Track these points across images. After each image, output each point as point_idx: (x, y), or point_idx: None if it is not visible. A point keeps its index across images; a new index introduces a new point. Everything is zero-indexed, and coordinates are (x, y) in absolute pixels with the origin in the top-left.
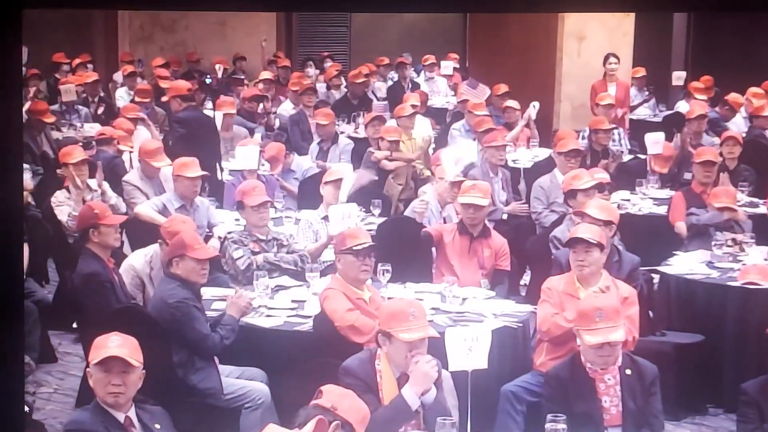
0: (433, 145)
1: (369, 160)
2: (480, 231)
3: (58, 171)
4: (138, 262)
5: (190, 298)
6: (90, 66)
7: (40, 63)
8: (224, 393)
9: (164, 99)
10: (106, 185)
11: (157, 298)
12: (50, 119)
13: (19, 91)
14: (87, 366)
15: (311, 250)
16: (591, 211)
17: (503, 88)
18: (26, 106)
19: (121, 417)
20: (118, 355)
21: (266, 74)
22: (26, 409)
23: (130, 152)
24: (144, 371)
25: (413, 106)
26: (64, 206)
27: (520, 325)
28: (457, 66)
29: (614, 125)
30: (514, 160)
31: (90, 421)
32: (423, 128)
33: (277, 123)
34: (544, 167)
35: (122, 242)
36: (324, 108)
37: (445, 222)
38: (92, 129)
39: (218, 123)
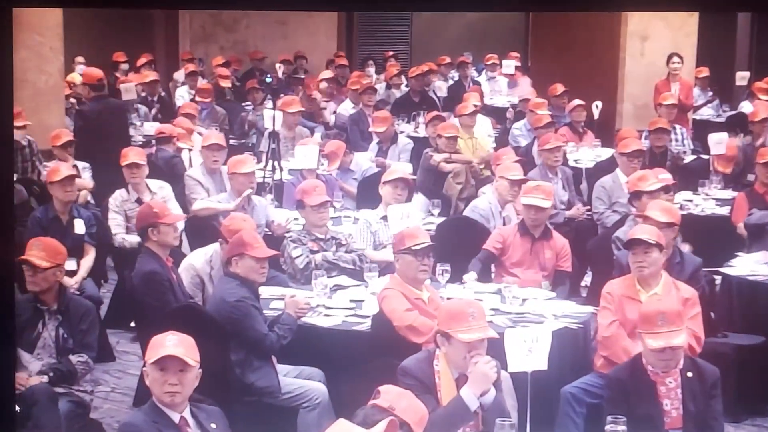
0: (493, 145)
1: (427, 162)
2: (541, 232)
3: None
4: (198, 261)
5: (248, 297)
6: (152, 65)
7: (101, 62)
8: (282, 392)
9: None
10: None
11: (216, 297)
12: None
13: (9, 88)
14: (144, 365)
15: (374, 258)
16: (653, 214)
17: (560, 88)
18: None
19: (176, 417)
20: (175, 354)
21: (327, 74)
22: (83, 407)
23: (190, 150)
24: (200, 370)
25: (475, 105)
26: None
27: (581, 326)
28: (519, 65)
29: (676, 125)
30: (576, 160)
31: (143, 423)
32: (484, 127)
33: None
34: (606, 167)
35: (181, 241)
36: (381, 112)
37: (504, 222)
38: (151, 128)
39: (278, 122)
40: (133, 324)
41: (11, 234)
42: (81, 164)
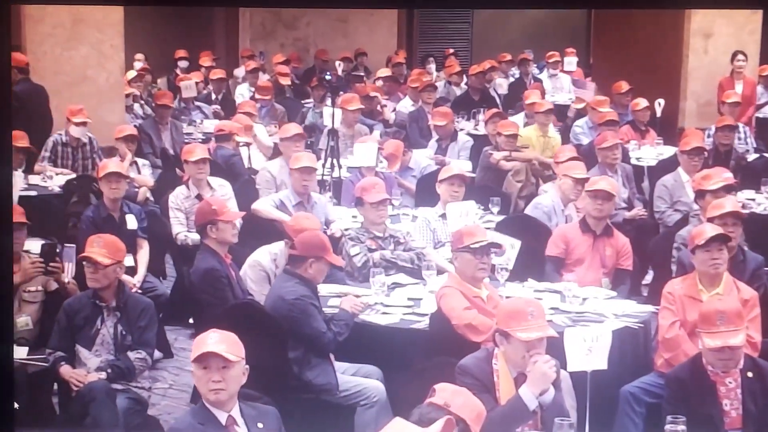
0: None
1: (486, 160)
2: (603, 229)
3: (178, 169)
4: (264, 258)
5: (307, 295)
6: (213, 63)
7: (162, 59)
8: (339, 390)
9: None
10: None
11: (274, 295)
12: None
13: (7, 84)
14: None
15: (433, 259)
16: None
17: (624, 86)
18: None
19: (223, 416)
20: (215, 350)
21: (385, 71)
22: (141, 404)
23: (248, 146)
24: (247, 367)
25: (552, 104)
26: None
27: (641, 325)
28: (579, 61)
29: (739, 123)
30: (638, 158)
31: (187, 427)
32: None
33: (392, 117)
34: (668, 166)
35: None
36: (442, 107)
37: (567, 221)
38: (211, 125)
39: (338, 120)
40: (191, 321)
41: (9, 234)
42: (141, 161)
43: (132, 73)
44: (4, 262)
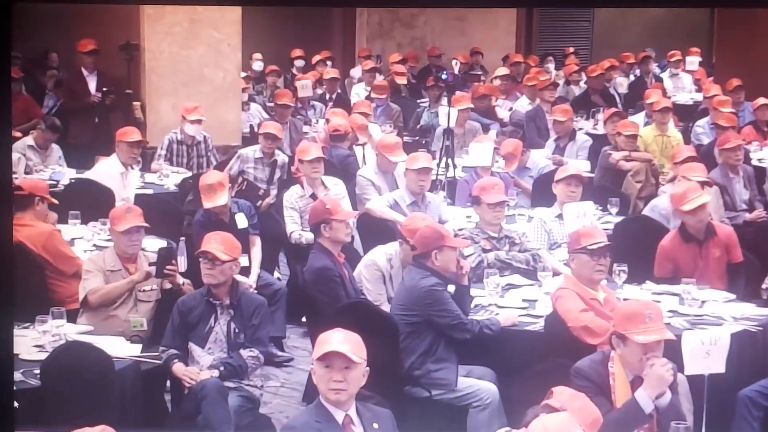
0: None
1: (605, 160)
2: (705, 232)
3: (293, 167)
4: (380, 258)
5: (440, 284)
6: (329, 63)
7: (278, 59)
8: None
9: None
10: None
11: (406, 285)
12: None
13: (7, 84)
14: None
15: (548, 262)
16: None
17: (735, 82)
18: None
19: (340, 416)
20: (340, 350)
21: (502, 70)
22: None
23: (363, 146)
24: (368, 369)
25: (670, 103)
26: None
27: (761, 328)
28: (701, 61)
29: None
30: (759, 159)
31: (303, 426)
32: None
33: (505, 116)
34: None
35: (353, 238)
36: (562, 104)
37: None
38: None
39: (452, 119)
40: (304, 319)
41: (9, 233)
42: None
43: (258, 65)
44: (4, 262)
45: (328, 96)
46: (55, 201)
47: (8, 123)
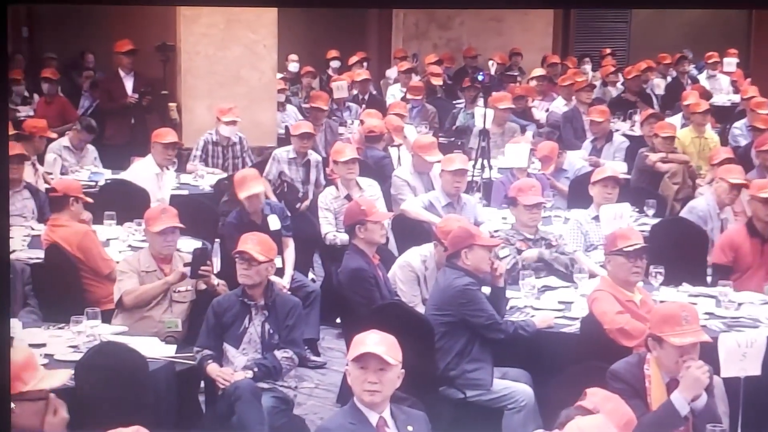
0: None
1: (642, 161)
2: None
3: (327, 169)
4: (415, 260)
5: (474, 283)
6: (365, 64)
7: (314, 60)
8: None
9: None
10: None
11: (441, 285)
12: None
13: (4, 84)
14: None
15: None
16: None
17: None
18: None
19: (374, 417)
20: (375, 352)
21: (538, 71)
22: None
23: (398, 147)
24: (403, 371)
25: (709, 105)
26: (327, 220)
27: None
28: (739, 62)
29: None
30: None
31: (338, 428)
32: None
33: (541, 117)
34: None
35: (387, 239)
36: (599, 105)
37: (723, 225)
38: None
39: (489, 120)
40: (338, 320)
41: (6, 233)
42: None
43: (294, 66)
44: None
45: (360, 97)
46: (90, 200)
47: (6, 117)
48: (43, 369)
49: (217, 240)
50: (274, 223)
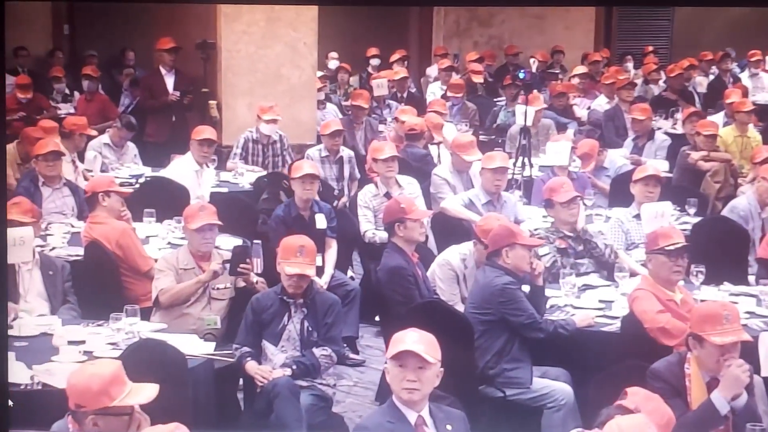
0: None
1: (684, 160)
2: None
3: (366, 167)
4: (454, 258)
5: (513, 282)
6: (404, 62)
7: (354, 58)
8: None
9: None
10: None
11: (480, 284)
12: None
13: (2, 80)
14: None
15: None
16: None
17: None
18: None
19: (413, 416)
20: (414, 350)
21: (580, 69)
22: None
23: (438, 145)
24: (442, 369)
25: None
26: (367, 218)
27: None
28: None
29: None
30: None
31: (376, 427)
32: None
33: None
34: None
35: (426, 237)
36: (641, 103)
37: (764, 225)
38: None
39: (529, 119)
40: (377, 318)
41: (4, 235)
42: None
43: (334, 64)
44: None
45: (399, 95)
46: (124, 190)
47: (3, 112)
48: (130, 383)
49: (257, 242)
50: (321, 222)
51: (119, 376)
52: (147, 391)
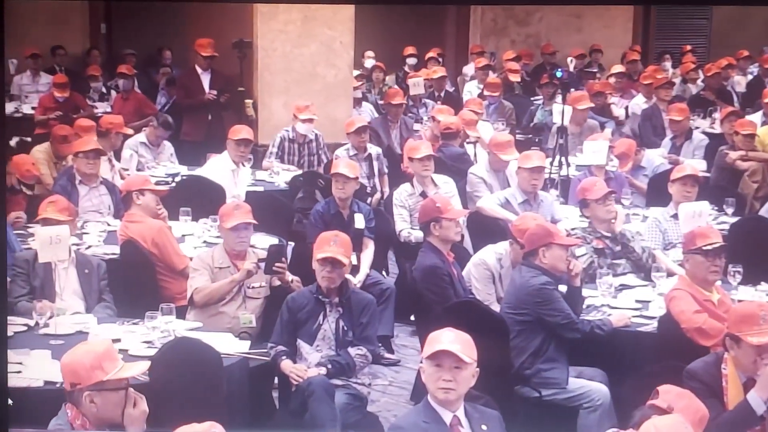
0: None
1: (721, 159)
2: None
3: (402, 165)
4: (490, 258)
5: (550, 282)
6: (440, 60)
7: (391, 56)
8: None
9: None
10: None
11: (516, 284)
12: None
13: (1, 77)
14: (422, 360)
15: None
16: None
17: None
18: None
19: (448, 416)
20: (450, 350)
21: (618, 68)
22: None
23: (474, 144)
24: (477, 369)
25: None
26: (402, 217)
27: None
28: None
29: None
30: None
31: (411, 427)
32: None
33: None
34: None
35: (462, 236)
36: (679, 103)
37: None
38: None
39: (567, 117)
40: (412, 318)
41: (3, 234)
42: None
43: (370, 63)
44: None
45: (436, 94)
46: (156, 188)
47: (2, 110)
48: (121, 360)
49: (291, 243)
50: (359, 221)
51: (111, 352)
52: (138, 365)
